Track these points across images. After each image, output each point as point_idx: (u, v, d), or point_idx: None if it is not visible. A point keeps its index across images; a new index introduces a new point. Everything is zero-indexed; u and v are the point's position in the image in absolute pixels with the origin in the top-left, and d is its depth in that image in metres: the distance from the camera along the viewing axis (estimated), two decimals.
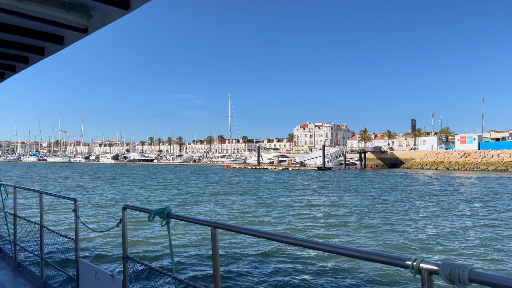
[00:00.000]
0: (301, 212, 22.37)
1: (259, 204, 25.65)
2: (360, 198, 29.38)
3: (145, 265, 3.59)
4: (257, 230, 2.39)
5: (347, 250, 1.91)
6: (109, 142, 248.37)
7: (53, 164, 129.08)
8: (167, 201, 28.32)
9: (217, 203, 26.68)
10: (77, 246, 4.66)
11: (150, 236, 15.31)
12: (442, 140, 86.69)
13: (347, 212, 22.24)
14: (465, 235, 15.88)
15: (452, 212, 22.11)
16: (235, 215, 21.47)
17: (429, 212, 21.95)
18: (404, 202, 26.83)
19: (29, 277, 5.97)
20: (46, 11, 3.99)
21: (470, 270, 1.45)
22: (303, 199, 28.60)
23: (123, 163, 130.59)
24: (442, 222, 18.91)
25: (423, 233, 16.24)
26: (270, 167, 79.82)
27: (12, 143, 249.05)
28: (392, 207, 24.26)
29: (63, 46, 5.37)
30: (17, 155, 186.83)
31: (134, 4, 4.06)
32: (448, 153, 76.11)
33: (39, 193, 5.57)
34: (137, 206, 3.63)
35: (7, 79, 7.63)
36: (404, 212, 22.13)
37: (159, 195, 32.23)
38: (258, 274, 10.86)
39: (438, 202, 26.38)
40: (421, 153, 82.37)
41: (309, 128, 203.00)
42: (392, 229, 17.24)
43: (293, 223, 18.76)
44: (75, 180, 51.43)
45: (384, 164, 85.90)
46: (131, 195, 32.39)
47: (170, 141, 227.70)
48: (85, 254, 12.39)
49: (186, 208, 24.25)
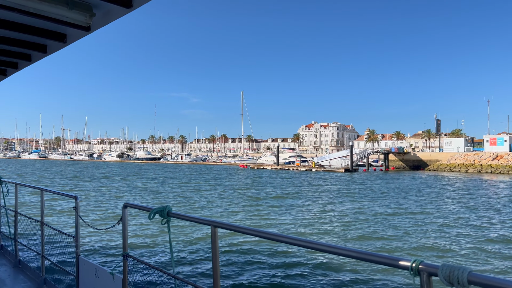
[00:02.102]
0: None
1: (377, 214, 22.03)
2: (433, 209, 25.91)
3: (145, 263, 3.52)
4: (257, 230, 2.41)
5: (346, 250, 1.91)
6: (108, 140, 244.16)
7: (55, 162, 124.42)
8: (248, 217, 21.22)
9: (308, 212, 23.05)
10: (78, 244, 4.65)
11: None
12: (468, 141, 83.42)
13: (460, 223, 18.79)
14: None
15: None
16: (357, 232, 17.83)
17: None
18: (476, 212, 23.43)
19: (29, 274, 5.96)
20: (48, 9, 3.99)
21: (469, 272, 1.44)
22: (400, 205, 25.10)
23: (129, 161, 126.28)
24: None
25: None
26: (292, 167, 75.98)
27: (9, 140, 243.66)
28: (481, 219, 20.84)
29: (65, 44, 5.32)
30: (17, 152, 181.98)
31: (137, 2, 4.00)
32: (478, 155, 72.89)
33: (40, 190, 5.45)
34: (137, 205, 3.62)
35: (9, 76, 7.61)
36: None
37: (221, 205, 25.94)
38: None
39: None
40: (446, 154, 79.14)
41: (315, 128, 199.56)
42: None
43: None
44: (92, 180, 47.53)
45: (406, 166, 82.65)
46: (174, 198, 28.61)
47: (172, 139, 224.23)
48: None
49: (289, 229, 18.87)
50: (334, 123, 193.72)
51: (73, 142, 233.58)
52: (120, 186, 39.20)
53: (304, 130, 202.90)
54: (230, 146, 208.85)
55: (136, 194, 31.77)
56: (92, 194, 30.47)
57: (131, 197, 29.36)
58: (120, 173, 62.44)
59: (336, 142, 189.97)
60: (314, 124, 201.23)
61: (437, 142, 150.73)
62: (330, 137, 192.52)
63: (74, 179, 48.36)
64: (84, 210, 21.19)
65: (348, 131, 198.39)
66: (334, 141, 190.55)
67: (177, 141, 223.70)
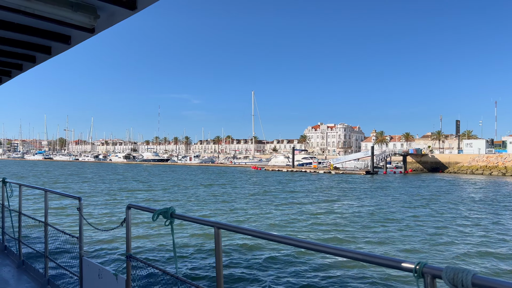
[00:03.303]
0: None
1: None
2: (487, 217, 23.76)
3: (148, 264, 3.52)
4: (260, 231, 2.41)
5: (350, 252, 1.91)
6: (112, 141, 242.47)
7: (61, 163, 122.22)
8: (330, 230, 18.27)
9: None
10: (81, 245, 4.65)
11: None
12: (489, 142, 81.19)
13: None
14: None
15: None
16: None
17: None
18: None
19: (33, 275, 5.95)
20: (53, 11, 3.97)
21: (473, 274, 1.43)
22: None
23: (136, 163, 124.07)
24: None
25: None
26: (308, 170, 73.66)
27: (12, 141, 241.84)
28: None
29: (70, 45, 5.32)
30: (21, 153, 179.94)
31: (141, 4, 4.01)
32: (501, 157, 70.63)
33: (44, 191, 5.48)
34: (141, 206, 3.61)
35: (14, 78, 7.65)
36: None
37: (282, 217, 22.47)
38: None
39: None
40: (467, 156, 76.92)
41: (321, 129, 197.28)
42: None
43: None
44: (114, 183, 45.41)
45: (423, 168, 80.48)
46: (219, 203, 26.49)
47: (176, 140, 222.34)
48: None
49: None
50: (341, 124, 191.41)
51: (77, 143, 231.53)
52: (165, 195, 37.06)
53: (310, 131, 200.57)
54: (235, 148, 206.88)
55: (187, 205, 29.61)
56: (159, 202, 28.36)
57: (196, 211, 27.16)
58: (133, 175, 60.27)
59: (343, 143, 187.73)
60: (321, 125, 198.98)
61: (448, 143, 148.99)
62: (337, 139, 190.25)
63: (105, 183, 46.15)
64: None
65: (355, 133, 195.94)
66: (341, 142, 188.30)
67: (182, 142, 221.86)
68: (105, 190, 35.78)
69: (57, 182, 45.82)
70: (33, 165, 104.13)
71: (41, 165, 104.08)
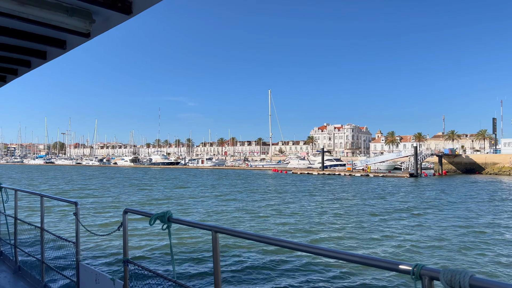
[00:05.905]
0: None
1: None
2: None
3: (145, 269, 3.50)
4: (258, 235, 2.39)
5: (348, 255, 1.90)
6: (111, 144, 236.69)
7: (65, 167, 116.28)
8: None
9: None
10: (78, 250, 4.61)
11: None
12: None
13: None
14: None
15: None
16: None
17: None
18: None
19: (29, 281, 5.87)
20: (48, 16, 3.93)
21: (471, 276, 1.43)
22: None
23: (145, 166, 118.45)
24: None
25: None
26: (343, 172, 68.89)
27: (8, 145, 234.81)
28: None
29: (65, 50, 5.28)
30: (20, 158, 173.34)
31: (136, 9, 3.97)
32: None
33: (40, 196, 5.43)
34: (138, 210, 3.55)
35: (9, 82, 7.62)
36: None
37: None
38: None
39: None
40: (506, 156, 72.70)
41: (328, 130, 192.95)
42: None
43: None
44: (152, 191, 40.33)
45: (457, 169, 76.21)
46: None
47: (178, 143, 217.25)
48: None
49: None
50: (348, 124, 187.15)
51: (75, 146, 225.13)
52: (222, 207, 32.06)
53: (317, 132, 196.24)
54: (240, 150, 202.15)
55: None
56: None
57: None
58: (157, 181, 55.07)
59: (351, 144, 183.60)
60: (327, 126, 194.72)
61: (461, 143, 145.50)
62: (345, 140, 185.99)
63: (143, 190, 40.97)
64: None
65: (363, 133, 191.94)
66: (349, 143, 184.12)
67: (184, 145, 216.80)
68: (153, 202, 30.75)
69: (103, 196, 40.61)
70: (39, 170, 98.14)
71: (47, 170, 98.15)
